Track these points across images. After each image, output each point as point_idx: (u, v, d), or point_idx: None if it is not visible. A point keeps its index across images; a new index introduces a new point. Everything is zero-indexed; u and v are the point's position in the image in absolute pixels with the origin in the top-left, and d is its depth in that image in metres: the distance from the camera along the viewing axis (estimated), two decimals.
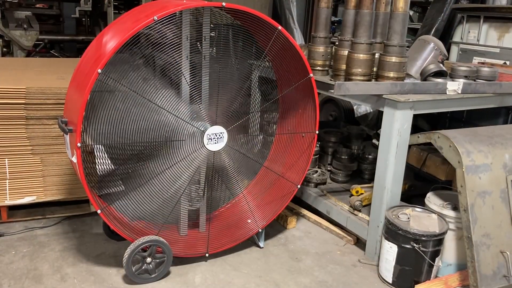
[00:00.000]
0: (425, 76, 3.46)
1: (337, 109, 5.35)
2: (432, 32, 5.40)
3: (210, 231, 3.15)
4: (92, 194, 2.70)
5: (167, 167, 2.85)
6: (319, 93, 3.31)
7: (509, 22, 4.81)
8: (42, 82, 3.49)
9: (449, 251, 3.03)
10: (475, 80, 3.51)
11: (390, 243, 2.96)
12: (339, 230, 3.64)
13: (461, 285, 2.92)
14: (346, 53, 3.36)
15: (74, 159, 2.61)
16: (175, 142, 2.85)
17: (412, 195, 3.69)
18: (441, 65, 3.51)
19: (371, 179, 3.71)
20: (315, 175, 4.00)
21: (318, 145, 4.19)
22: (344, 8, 3.60)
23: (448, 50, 5.27)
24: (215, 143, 2.97)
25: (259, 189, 3.42)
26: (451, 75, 3.52)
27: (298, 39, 6.60)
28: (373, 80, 3.38)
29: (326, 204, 3.71)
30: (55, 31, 7.77)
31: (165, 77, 2.81)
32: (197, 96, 2.87)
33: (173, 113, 2.78)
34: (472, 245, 2.69)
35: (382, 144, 3.12)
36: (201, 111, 2.90)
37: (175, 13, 2.60)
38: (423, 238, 2.83)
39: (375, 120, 5.46)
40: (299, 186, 3.34)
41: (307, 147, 3.34)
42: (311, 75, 3.11)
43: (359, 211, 3.50)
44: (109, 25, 3.00)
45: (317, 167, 4.21)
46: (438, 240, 2.88)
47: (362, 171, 4.15)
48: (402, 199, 3.27)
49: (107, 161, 2.76)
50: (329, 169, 4.23)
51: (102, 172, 2.78)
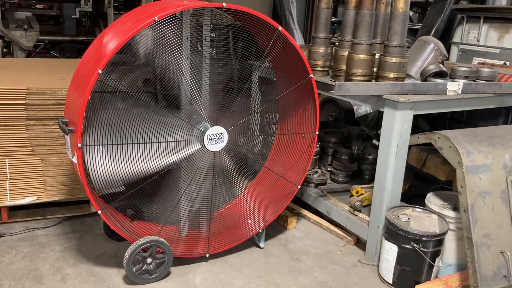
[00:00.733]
0: (425, 76, 3.46)
1: (337, 110, 5.35)
2: (432, 33, 5.40)
3: (210, 231, 3.15)
4: (93, 194, 2.70)
5: (167, 168, 2.85)
6: (319, 94, 3.31)
7: (509, 23, 4.81)
8: (42, 82, 3.50)
9: (449, 252, 3.03)
10: (475, 81, 3.51)
11: (390, 243, 2.96)
12: (339, 231, 3.64)
13: (461, 286, 2.92)
14: (346, 53, 3.37)
15: (75, 160, 2.61)
16: (175, 142, 2.85)
17: (412, 195, 3.69)
18: (441, 65, 3.51)
19: (371, 179, 3.71)
20: (315, 175, 4.00)
21: (318, 145, 4.19)
22: (344, 8, 3.60)
23: (448, 51, 5.28)
24: (216, 143, 2.97)
25: (260, 190, 3.42)
26: (451, 75, 3.52)
27: (298, 40, 6.59)
28: (373, 80, 3.38)
29: (326, 205, 3.71)
30: (55, 31, 7.76)
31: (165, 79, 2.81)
32: (197, 96, 2.87)
33: (173, 113, 2.78)
34: (472, 245, 2.69)
35: (382, 144, 3.13)
36: (201, 111, 2.90)
37: (176, 13, 2.60)
38: (423, 239, 2.83)
39: (375, 121, 5.46)
40: (299, 187, 3.34)
41: (307, 148, 3.35)
42: (311, 75, 3.11)
43: (359, 211, 3.50)
44: (109, 25, 3.00)
45: (317, 167, 4.21)
46: (438, 241, 2.88)
47: (362, 171, 4.15)
48: (402, 199, 3.27)
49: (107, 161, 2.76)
50: (329, 169, 4.24)
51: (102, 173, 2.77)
